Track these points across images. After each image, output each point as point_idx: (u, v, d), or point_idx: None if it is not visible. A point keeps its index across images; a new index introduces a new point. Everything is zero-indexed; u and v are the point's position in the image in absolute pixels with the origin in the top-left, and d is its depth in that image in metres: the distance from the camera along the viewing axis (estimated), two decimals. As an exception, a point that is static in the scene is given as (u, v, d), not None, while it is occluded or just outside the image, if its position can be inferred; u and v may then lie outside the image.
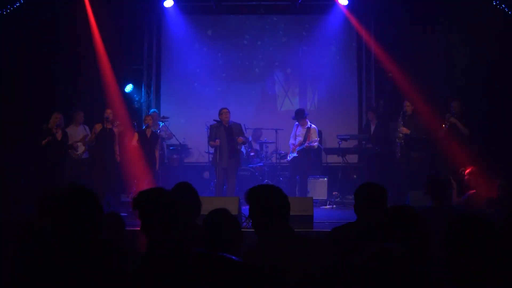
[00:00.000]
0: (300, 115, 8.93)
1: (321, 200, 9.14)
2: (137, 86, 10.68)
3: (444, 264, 2.22)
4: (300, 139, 8.93)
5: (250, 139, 10.17)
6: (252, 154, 9.73)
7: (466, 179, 6.78)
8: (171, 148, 9.96)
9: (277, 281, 2.34)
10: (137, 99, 10.71)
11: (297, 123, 9.04)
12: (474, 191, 6.61)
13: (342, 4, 10.12)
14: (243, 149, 9.70)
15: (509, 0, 8.62)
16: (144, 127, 8.74)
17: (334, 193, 9.24)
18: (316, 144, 8.79)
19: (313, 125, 8.98)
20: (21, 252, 2.61)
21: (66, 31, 9.35)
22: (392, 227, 2.51)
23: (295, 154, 8.95)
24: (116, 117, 8.61)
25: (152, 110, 10.06)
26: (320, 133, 9.22)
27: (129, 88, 10.36)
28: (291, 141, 9.11)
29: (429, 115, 8.58)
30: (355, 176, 9.14)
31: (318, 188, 9.28)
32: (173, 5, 10.30)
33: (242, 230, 2.97)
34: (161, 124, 9.54)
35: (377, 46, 10.47)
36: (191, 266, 1.79)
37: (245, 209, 5.49)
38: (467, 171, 6.86)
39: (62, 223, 2.12)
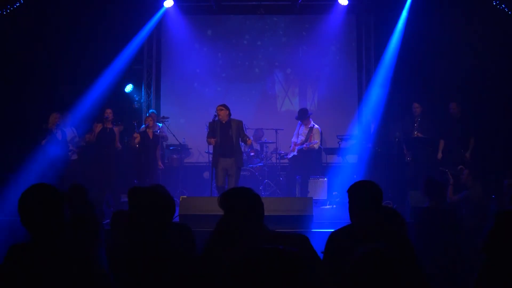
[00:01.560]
0: (303, 115, 8.90)
1: (321, 200, 9.14)
2: (137, 86, 10.68)
3: (485, 257, 2.18)
4: (302, 138, 8.91)
5: (251, 139, 10.15)
6: (252, 154, 9.71)
7: (463, 178, 6.78)
8: (171, 148, 9.95)
9: None
10: (137, 99, 10.70)
11: (300, 121, 9.04)
12: (470, 190, 6.62)
13: (342, 4, 10.13)
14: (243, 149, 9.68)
15: (509, 0, 8.62)
16: (143, 126, 8.70)
17: (334, 193, 9.23)
18: (316, 144, 8.76)
19: (316, 125, 8.93)
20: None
21: (66, 31, 9.35)
22: (376, 228, 2.50)
23: (294, 153, 8.93)
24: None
25: (150, 110, 10.06)
26: (321, 133, 9.22)
27: (129, 88, 10.36)
28: (293, 139, 9.09)
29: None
30: (355, 176, 9.10)
31: (318, 188, 9.27)
32: (173, 5, 10.29)
33: None
34: (160, 125, 9.53)
35: (377, 46, 10.47)
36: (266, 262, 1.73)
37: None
38: (465, 171, 6.85)
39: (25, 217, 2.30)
